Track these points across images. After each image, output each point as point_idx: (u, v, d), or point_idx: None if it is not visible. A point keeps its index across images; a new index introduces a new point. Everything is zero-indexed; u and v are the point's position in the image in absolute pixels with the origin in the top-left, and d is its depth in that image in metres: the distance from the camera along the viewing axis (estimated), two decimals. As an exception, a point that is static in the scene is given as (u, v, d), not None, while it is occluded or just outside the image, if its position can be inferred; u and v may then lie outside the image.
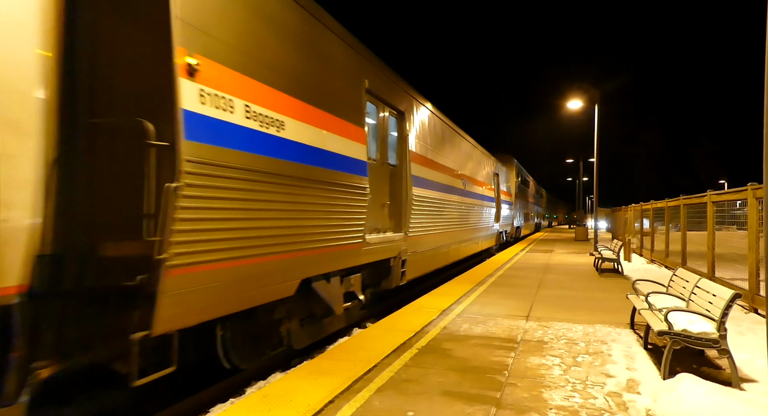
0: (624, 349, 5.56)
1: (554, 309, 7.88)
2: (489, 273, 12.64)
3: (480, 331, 6.41)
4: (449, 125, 13.05)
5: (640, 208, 19.25)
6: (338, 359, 5.15)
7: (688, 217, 12.26)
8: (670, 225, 14.37)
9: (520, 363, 5.06)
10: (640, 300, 6.14)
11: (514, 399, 4.08)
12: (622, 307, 7.85)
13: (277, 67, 5.17)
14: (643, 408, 3.90)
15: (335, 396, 4.11)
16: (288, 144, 5.20)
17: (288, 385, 4.36)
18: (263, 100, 4.83)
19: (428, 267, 11.06)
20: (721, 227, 9.73)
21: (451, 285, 10.66)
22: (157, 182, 3.64)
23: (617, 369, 4.84)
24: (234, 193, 4.32)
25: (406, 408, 3.86)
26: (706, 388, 3.81)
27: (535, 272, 13.13)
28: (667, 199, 14.57)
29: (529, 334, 6.26)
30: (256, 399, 4.06)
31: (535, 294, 9.37)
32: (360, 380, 4.52)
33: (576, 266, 14.85)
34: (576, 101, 21.24)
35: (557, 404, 3.97)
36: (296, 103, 5.44)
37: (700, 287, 5.28)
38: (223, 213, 4.20)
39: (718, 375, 4.69)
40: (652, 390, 4.24)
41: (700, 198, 10.86)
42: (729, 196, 9.17)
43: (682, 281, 6.05)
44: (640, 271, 13.43)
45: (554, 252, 20.60)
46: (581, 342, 5.87)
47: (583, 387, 4.37)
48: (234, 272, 4.42)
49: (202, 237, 3.98)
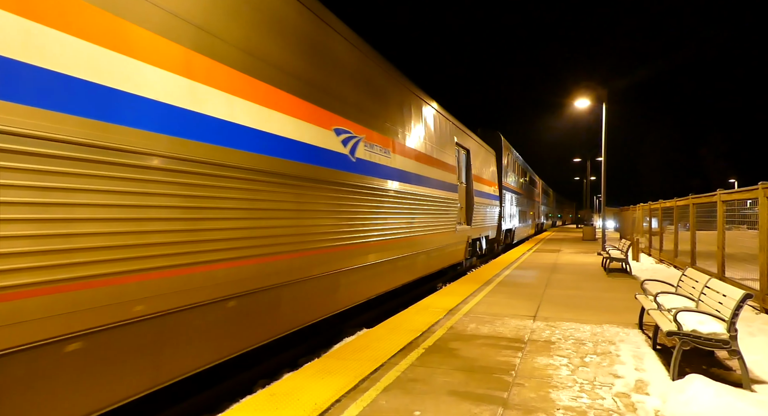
0: (632, 350, 5.52)
1: (562, 309, 7.84)
2: (496, 273, 12.59)
3: (487, 331, 6.39)
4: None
5: (649, 208, 19.10)
6: (345, 358, 5.15)
7: (697, 217, 12.15)
8: (679, 224, 14.26)
9: (527, 363, 5.03)
10: (648, 301, 6.09)
11: (522, 399, 4.06)
12: (631, 307, 7.79)
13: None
14: (651, 409, 3.87)
15: (342, 395, 4.11)
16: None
17: (295, 384, 4.37)
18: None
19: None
20: (731, 227, 9.63)
21: (458, 284, 10.63)
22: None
23: (626, 370, 4.80)
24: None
25: (412, 408, 3.85)
26: (716, 389, 3.77)
27: (542, 272, 13.07)
28: (676, 199, 14.45)
29: (536, 334, 6.23)
30: (264, 397, 4.07)
31: (543, 294, 9.32)
32: (367, 379, 4.51)
33: (584, 266, 14.77)
34: (584, 100, 21.12)
35: (565, 404, 3.95)
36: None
37: (710, 287, 5.23)
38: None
39: (729, 376, 4.64)
40: (661, 391, 4.21)
41: (709, 197, 10.77)
42: (739, 195, 9.08)
43: (692, 281, 5.99)
44: (649, 271, 13.33)
45: (561, 251, 20.49)
46: (589, 343, 5.83)
47: (591, 387, 4.34)
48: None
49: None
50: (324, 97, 6.27)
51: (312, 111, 5.95)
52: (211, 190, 4.20)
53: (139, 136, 3.54)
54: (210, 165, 4.18)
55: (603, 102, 20.13)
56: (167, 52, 3.83)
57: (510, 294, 9.37)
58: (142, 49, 3.61)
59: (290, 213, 5.38)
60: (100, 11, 3.29)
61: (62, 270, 3.03)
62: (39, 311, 2.92)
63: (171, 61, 3.86)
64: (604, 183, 21.25)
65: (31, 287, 2.88)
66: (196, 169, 4.04)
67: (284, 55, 5.43)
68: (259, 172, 4.82)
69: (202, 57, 4.18)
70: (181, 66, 3.96)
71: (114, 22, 3.40)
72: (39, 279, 2.91)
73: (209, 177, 4.17)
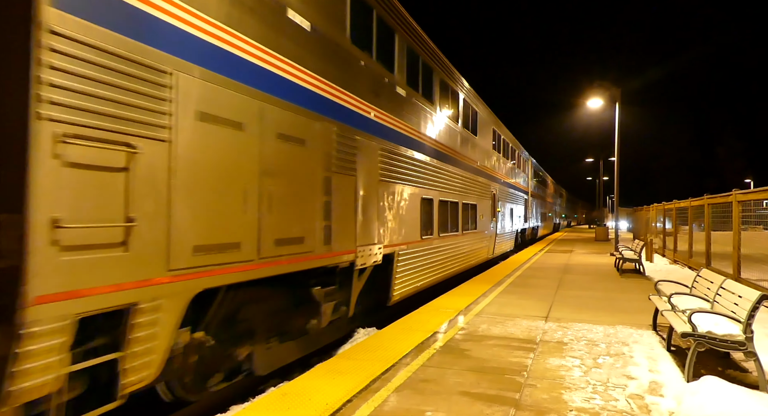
0: (646, 351, 5.47)
1: (574, 310, 7.78)
2: (507, 273, 12.54)
3: (498, 332, 6.36)
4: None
5: (663, 208, 18.89)
6: (356, 359, 5.16)
7: (712, 217, 11.99)
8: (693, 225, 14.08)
9: (539, 364, 5.01)
10: (662, 302, 6.02)
11: (534, 400, 4.04)
12: (644, 308, 7.71)
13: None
14: (666, 410, 3.83)
15: (353, 395, 4.12)
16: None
17: (307, 384, 4.39)
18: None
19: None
20: (746, 227, 9.50)
21: (469, 285, 10.60)
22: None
23: (639, 371, 4.75)
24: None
25: (424, 408, 3.85)
26: (731, 391, 3.72)
27: (554, 272, 12.98)
28: (691, 199, 14.27)
29: (548, 335, 6.19)
30: (275, 397, 4.09)
31: (555, 295, 9.26)
32: (378, 379, 4.52)
33: (596, 266, 14.64)
34: (597, 100, 20.96)
35: (577, 406, 3.92)
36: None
37: (725, 288, 5.16)
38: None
39: (744, 378, 4.58)
40: (675, 392, 4.16)
41: (725, 197, 10.62)
42: (756, 196, 8.95)
43: (707, 282, 5.92)
44: (663, 272, 13.18)
45: (574, 252, 20.33)
46: (602, 344, 5.78)
47: (604, 388, 4.31)
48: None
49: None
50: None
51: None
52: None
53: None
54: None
55: (616, 101, 19.96)
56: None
57: (522, 294, 9.32)
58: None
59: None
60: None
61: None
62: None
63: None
64: (617, 183, 21.07)
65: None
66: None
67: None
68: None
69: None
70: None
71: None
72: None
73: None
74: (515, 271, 13.13)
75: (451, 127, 11.97)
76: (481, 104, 15.47)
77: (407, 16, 8.73)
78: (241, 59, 4.52)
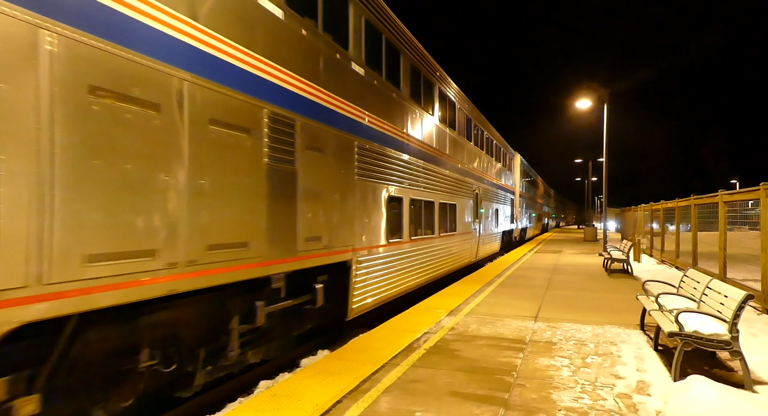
0: (634, 351, 5.52)
1: (563, 310, 7.83)
2: (497, 274, 12.59)
3: (488, 332, 6.38)
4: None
5: (651, 208, 19.08)
6: (346, 359, 5.15)
7: (699, 218, 12.13)
8: (680, 225, 14.23)
9: (528, 364, 5.03)
10: (650, 301, 6.08)
11: (523, 400, 4.06)
12: (632, 308, 7.78)
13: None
14: (653, 410, 3.87)
15: (343, 396, 4.11)
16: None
17: (296, 385, 4.37)
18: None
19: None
20: (732, 227, 9.61)
21: (460, 285, 10.63)
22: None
23: (627, 371, 4.80)
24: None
25: (414, 409, 3.85)
26: (717, 390, 3.76)
27: (543, 272, 13.06)
28: (678, 199, 14.43)
29: (537, 335, 6.22)
30: (265, 398, 4.07)
31: (544, 295, 9.31)
32: (368, 380, 4.51)
33: (585, 267, 14.75)
34: (585, 101, 21.11)
35: (566, 405, 3.94)
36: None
37: (711, 288, 5.22)
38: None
39: (730, 377, 4.63)
40: (662, 391, 4.20)
41: (711, 198, 10.74)
42: (741, 196, 9.06)
43: (693, 282, 5.98)
44: (650, 272, 13.31)
45: (563, 252, 20.47)
46: (590, 343, 5.82)
47: (592, 388, 4.34)
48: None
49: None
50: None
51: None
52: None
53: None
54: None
55: (604, 102, 20.13)
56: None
57: (511, 294, 9.36)
58: None
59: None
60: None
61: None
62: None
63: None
64: (606, 183, 21.24)
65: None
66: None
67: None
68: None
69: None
70: None
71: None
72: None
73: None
74: (505, 272, 13.19)
75: (425, 119, 10.85)
76: (462, 99, 14.51)
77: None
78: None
